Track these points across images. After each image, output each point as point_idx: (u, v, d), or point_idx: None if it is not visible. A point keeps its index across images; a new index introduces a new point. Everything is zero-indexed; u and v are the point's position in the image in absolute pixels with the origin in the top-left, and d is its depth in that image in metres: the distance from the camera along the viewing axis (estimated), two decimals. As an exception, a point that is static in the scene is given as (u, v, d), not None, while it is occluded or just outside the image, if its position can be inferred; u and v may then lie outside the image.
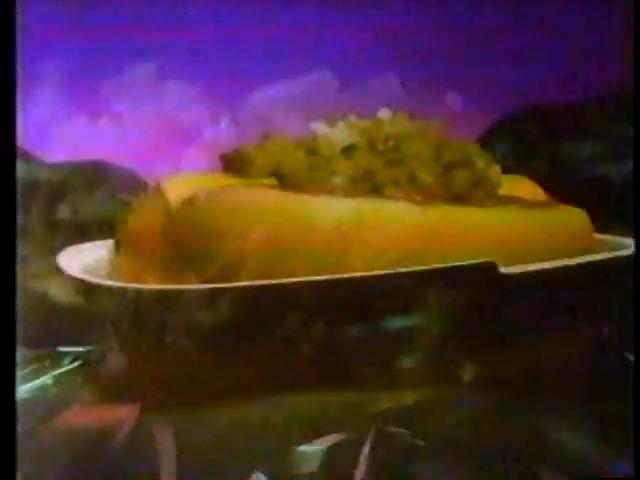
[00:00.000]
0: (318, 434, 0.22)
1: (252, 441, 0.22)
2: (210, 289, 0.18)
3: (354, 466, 0.21)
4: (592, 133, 1.01)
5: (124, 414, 0.25)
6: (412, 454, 0.23)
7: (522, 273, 0.21)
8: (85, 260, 0.24)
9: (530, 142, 1.05)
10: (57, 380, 0.55)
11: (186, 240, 0.20)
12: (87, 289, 0.22)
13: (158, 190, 0.22)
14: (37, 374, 0.55)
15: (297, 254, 0.20)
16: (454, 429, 0.23)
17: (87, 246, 0.26)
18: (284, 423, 0.21)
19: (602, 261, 0.24)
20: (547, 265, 0.22)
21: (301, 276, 0.19)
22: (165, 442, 0.22)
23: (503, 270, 0.20)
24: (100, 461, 0.25)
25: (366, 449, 0.22)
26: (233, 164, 0.23)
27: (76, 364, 0.58)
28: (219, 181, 0.22)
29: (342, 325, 0.20)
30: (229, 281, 0.19)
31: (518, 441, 0.24)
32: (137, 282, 0.20)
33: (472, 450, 0.23)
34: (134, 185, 0.96)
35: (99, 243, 0.26)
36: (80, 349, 0.57)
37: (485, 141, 1.15)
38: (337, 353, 0.21)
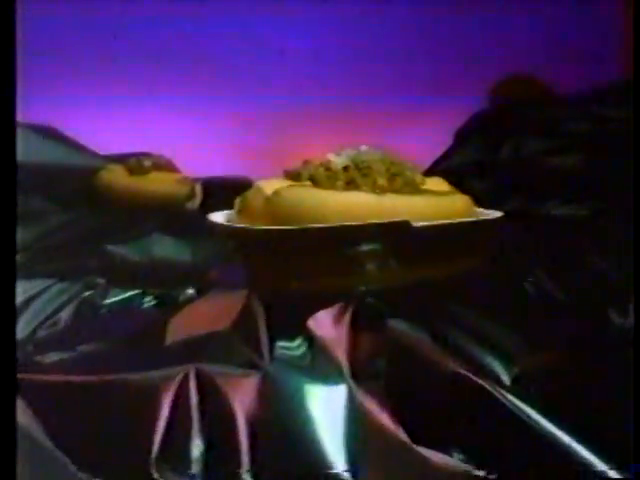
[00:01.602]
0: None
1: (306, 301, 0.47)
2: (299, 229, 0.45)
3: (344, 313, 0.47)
4: (549, 129, 1.26)
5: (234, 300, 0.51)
6: (378, 315, 0.49)
7: (425, 226, 0.46)
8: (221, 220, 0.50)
9: (497, 135, 1.29)
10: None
11: (274, 215, 0.46)
12: (230, 233, 0.48)
13: (259, 185, 0.49)
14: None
15: (323, 218, 0.46)
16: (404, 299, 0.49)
17: (221, 213, 0.52)
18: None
19: (471, 222, 0.50)
20: (440, 222, 0.48)
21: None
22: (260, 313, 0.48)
23: (414, 224, 0.46)
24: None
25: (351, 309, 0.48)
26: (291, 175, 0.49)
27: (155, 302, 0.85)
28: (287, 183, 0.48)
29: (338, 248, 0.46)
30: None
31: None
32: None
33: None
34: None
35: (227, 212, 0.52)
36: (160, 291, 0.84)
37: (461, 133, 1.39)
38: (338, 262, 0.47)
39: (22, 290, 0.77)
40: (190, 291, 0.75)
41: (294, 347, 0.47)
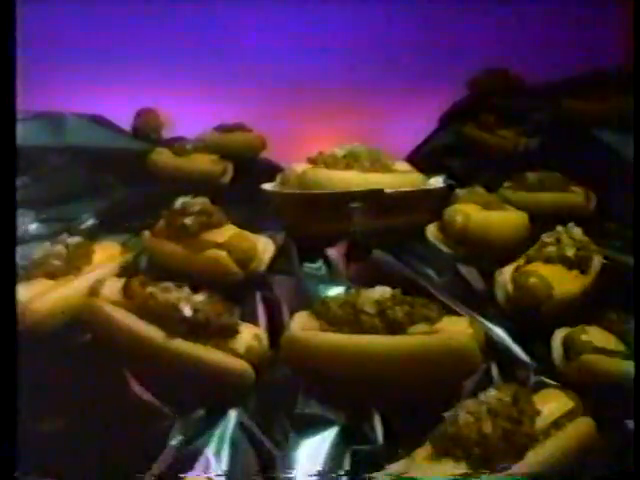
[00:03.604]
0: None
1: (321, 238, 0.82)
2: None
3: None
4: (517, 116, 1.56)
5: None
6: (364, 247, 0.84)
7: (392, 192, 0.82)
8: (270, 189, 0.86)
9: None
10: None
11: (302, 184, 0.82)
12: (276, 196, 0.83)
13: (292, 167, 0.84)
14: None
15: (331, 187, 0.81)
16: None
17: (269, 184, 0.88)
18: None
19: (422, 190, 0.85)
20: (402, 190, 0.83)
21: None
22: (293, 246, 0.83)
23: (386, 191, 0.81)
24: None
25: (347, 243, 0.83)
26: (311, 160, 0.84)
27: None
28: (309, 166, 0.84)
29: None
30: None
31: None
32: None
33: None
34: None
35: (272, 184, 0.88)
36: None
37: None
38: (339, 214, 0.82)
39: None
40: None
41: (315, 267, 0.83)
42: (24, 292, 0.78)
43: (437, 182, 0.89)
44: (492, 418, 0.55)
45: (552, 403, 0.59)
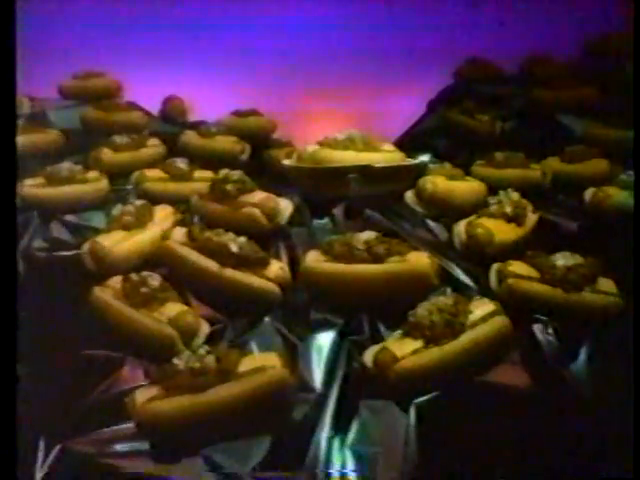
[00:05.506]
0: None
1: (327, 201, 1.16)
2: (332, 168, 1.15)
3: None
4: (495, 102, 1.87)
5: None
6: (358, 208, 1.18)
7: (379, 167, 1.15)
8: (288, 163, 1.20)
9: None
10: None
11: (313, 160, 1.16)
12: (292, 169, 1.18)
13: (306, 147, 1.18)
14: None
15: (333, 162, 1.16)
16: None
17: (287, 160, 1.21)
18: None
19: (402, 165, 1.19)
20: (386, 164, 1.17)
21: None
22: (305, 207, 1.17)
23: (374, 166, 1.15)
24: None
25: (345, 205, 1.17)
26: (319, 143, 1.18)
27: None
28: (318, 147, 1.17)
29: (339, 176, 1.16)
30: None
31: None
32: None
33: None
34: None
35: (289, 160, 1.22)
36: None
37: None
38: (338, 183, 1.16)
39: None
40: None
41: (323, 222, 1.17)
42: (106, 240, 1.12)
43: (422, 159, 1.22)
44: (439, 312, 0.87)
45: (482, 307, 0.93)
